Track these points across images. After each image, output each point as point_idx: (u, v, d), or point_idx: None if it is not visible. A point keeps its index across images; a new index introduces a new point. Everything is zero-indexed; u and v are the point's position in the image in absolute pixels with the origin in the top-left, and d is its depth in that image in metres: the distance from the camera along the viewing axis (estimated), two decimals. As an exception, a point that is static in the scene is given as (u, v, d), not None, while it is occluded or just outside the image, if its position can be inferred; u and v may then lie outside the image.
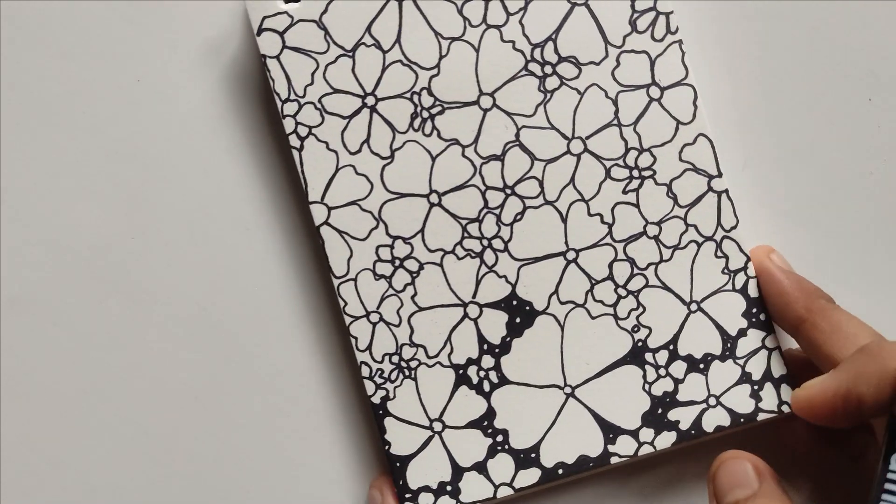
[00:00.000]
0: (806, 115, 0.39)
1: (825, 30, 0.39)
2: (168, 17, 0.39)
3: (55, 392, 0.40)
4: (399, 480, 0.37)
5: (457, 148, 0.37)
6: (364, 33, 0.37)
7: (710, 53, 0.39)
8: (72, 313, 0.40)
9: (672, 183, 0.37)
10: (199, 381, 0.40)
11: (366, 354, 0.37)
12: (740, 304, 0.37)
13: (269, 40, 0.37)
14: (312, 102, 0.37)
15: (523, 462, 0.37)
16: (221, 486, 0.40)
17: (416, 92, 0.37)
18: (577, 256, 0.37)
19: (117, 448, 0.40)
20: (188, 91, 0.39)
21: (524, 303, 0.37)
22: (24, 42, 0.39)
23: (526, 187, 0.37)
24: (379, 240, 0.37)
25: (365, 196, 0.37)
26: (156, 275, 0.39)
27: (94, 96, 0.39)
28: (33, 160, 0.39)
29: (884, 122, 0.39)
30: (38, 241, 0.39)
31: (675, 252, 0.37)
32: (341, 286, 0.37)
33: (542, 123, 0.37)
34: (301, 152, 0.37)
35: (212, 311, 0.39)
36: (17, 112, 0.39)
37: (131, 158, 0.39)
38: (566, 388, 0.37)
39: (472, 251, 0.37)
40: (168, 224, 0.39)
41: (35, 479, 0.40)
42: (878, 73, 0.39)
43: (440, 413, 0.37)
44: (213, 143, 0.39)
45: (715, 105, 0.39)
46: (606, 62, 0.37)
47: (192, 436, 0.40)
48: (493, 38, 0.37)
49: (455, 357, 0.37)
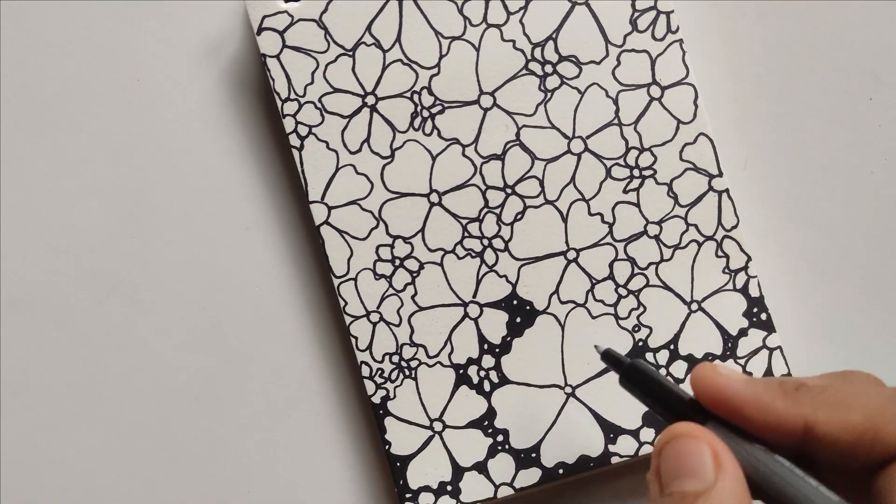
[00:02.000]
0: (807, 114, 0.39)
1: (826, 29, 0.39)
2: (168, 16, 0.39)
3: (55, 392, 0.40)
4: (399, 480, 0.37)
5: (457, 147, 0.37)
6: (364, 32, 0.37)
7: (711, 52, 0.39)
8: (72, 313, 0.39)
9: (673, 182, 0.37)
10: (199, 381, 0.39)
11: (366, 354, 0.37)
12: (741, 303, 0.37)
13: (269, 39, 0.37)
14: (312, 102, 0.37)
15: (524, 462, 0.37)
16: (222, 486, 0.40)
17: (417, 91, 0.37)
18: (577, 256, 0.37)
19: (117, 448, 0.40)
20: (188, 91, 0.39)
21: (525, 302, 0.37)
22: (24, 42, 0.39)
23: (526, 187, 0.37)
24: (379, 239, 0.37)
25: (365, 195, 0.37)
26: (156, 275, 0.39)
27: (94, 96, 0.39)
28: (33, 160, 0.39)
29: (884, 122, 0.39)
30: (38, 241, 0.39)
31: (675, 251, 0.37)
32: (341, 286, 0.37)
33: (543, 123, 0.37)
34: (301, 152, 0.37)
35: (212, 311, 0.39)
36: (17, 112, 0.39)
37: (131, 158, 0.39)
38: (567, 387, 0.37)
39: (472, 251, 0.37)
40: (168, 224, 0.39)
41: (35, 479, 0.40)
42: (878, 72, 0.39)
43: (440, 413, 0.37)
44: (213, 142, 0.39)
45: (715, 104, 0.39)
46: (607, 61, 0.37)
47: (192, 436, 0.40)
48: (493, 37, 0.37)
49: (455, 357, 0.37)
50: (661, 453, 0.27)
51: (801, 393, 0.27)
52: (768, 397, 0.27)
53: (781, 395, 0.27)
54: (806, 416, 0.26)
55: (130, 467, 0.40)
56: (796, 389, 0.27)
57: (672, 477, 0.27)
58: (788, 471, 0.26)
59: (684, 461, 0.26)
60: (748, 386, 0.27)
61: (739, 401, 0.27)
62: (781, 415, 0.26)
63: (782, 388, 0.27)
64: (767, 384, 0.27)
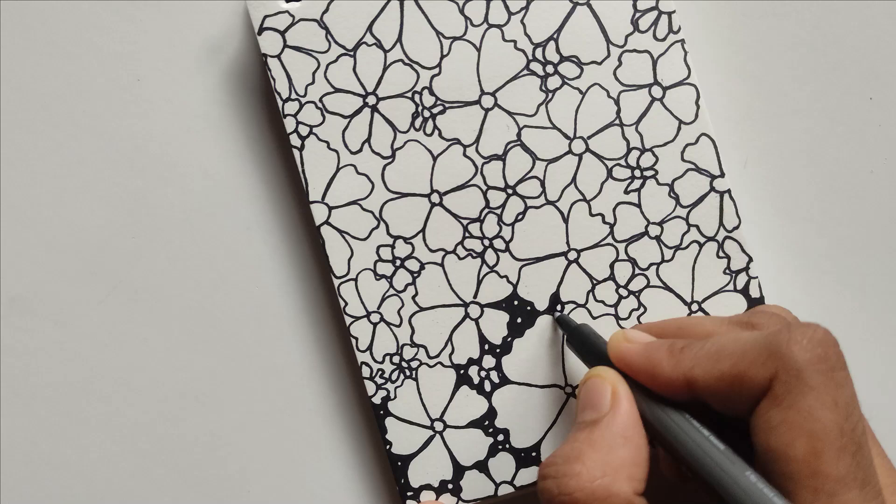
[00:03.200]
0: (807, 114, 0.39)
1: (826, 29, 0.39)
2: (168, 16, 0.39)
3: (55, 392, 0.40)
4: (400, 479, 0.37)
5: (458, 147, 0.37)
6: (365, 32, 0.37)
7: (713, 53, 0.38)
8: (72, 313, 0.39)
9: (674, 183, 0.37)
10: (199, 381, 0.39)
11: (366, 355, 0.37)
12: (741, 304, 0.37)
13: (270, 39, 0.36)
14: (313, 102, 0.37)
15: (524, 461, 0.37)
16: (222, 486, 0.40)
17: (418, 91, 0.37)
18: (578, 256, 0.37)
19: (117, 448, 0.40)
20: (188, 90, 0.39)
21: (525, 303, 0.37)
22: (25, 42, 0.39)
23: (527, 187, 0.37)
24: (380, 239, 0.37)
25: (366, 196, 0.37)
26: (156, 275, 0.39)
27: (94, 96, 0.39)
28: (33, 160, 0.39)
29: (885, 121, 0.39)
30: (38, 241, 0.39)
31: (676, 252, 0.37)
32: (342, 286, 0.37)
33: (544, 123, 0.37)
34: (302, 152, 0.37)
35: (212, 311, 0.39)
36: (17, 112, 0.39)
37: (131, 158, 0.39)
38: (567, 387, 0.37)
39: (473, 251, 0.37)
40: (168, 224, 0.39)
41: (35, 479, 0.40)
42: (878, 71, 0.39)
43: (441, 413, 0.37)
44: (214, 142, 0.39)
45: (717, 105, 0.39)
46: (608, 62, 0.37)
47: (192, 436, 0.40)
48: (494, 37, 0.37)
49: (456, 357, 0.37)
50: (578, 393, 0.32)
51: (683, 352, 0.30)
52: (657, 359, 0.30)
53: (668, 355, 0.30)
54: (685, 373, 0.29)
55: (130, 467, 0.40)
56: (681, 349, 0.30)
57: (581, 408, 0.31)
58: (684, 423, 0.29)
59: (590, 396, 0.31)
60: (643, 351, 0.31)
61: (636, 364, 0.31)
62: (668, 373, 0.30)
63: (670, 349, 0.30)
64: (659, 346, 0.31)
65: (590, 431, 0.30)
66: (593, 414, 0.30)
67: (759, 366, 0.28)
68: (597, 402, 0.31)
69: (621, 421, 0.30)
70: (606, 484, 0.28)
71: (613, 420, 0.30)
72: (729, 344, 0.29)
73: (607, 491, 0.28)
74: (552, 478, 0.29)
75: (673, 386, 0.30)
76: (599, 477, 0.28)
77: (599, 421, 0.30)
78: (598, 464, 0.29)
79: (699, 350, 0.30)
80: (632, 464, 0.29)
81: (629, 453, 0.29)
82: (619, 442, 0.29)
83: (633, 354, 0.31)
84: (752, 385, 0.28)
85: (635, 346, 0.31)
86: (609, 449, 0.29)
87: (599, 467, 0.29)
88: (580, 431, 0.30)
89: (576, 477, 0.29)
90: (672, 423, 0.30)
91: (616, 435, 0.29)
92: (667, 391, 0.30)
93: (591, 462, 0.29)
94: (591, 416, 0.30)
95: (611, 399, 0.30)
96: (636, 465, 0.29)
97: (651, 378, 0.30)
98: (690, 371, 0.29)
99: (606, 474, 0.29)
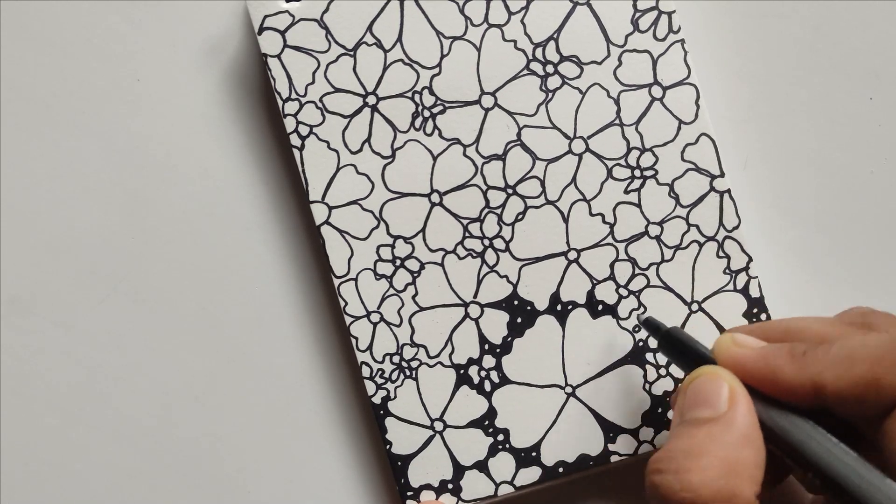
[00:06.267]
0: (807, 114, 0.39)
1: (826, 29, 0.39)
2: (168, 16, 0.39)
3: (55, 392, 0.40)
4: (400, 479, 0.37)
5: (458, 147, 0.37)
6: (365, 32, 0.37)
7: (713, 53, 0.38)
8: (72, 313, 0.39)
9: (674, 183, 0.37)
10: (199, 381, 0.39)
11: (366, 354, 0.37)
12: (741, 304, 0.37)
13: (270, 39, 0.36)
14: (313, 101, 0.37)
15: (524, 461, 0.37)
16: (221, 486, 0.40)
17: (418, 91, 0.37)
18: (578, 256, 0.37)
19: (117, 448, 0.40)
20: (188, 90, 0.39)
21: (525, 303, 0.37)
22: (24, 42, 0.39)
23: (527, 187, 0.37)
24: (380, 239, 0.37)
25: (366, 195, 0.37)
26: (156, 275, 0.39)
27: (94, 96, 0.39)
28: (33, 160, 0.39)
29: (885, 121, 0.39)
30: (38, 241, 0.39)
31: (676, 252, 0.37)
32: (342, 286, 0.37)
33: (544, 123, 0.37)
34: (302, 151, 0.37)
35: (212, 311, 0.39)
36: (17, 112, 0.39)
37: (131, 158, 0.39)
38: (567, 387, 0.37)
39: (473, 251, 0.37)
40: (168, 224, 0.39)
41: (35, 479, 0.40)
42: (878, 71, 0.39)
43: (441, 413, 0.37)
44: (213, 142, 0.39)
45: (717, 105, 0.39)
46: (608, 61, 0.37)
47: (192, 436, 0.40)
48: (494, 37, 0.37)
49: (456, 357, 0.37)
50: (685, 389, 0.30)
51: (807, 357, 0.29)
52: (778, 365, 0.29)
53: (789, 360, 0.29)
54: (812, 378, 0.28)
55: (130, 467, 0.40)
56: (803, 354, 0.29)
57: (690, 406, 0.30)
58: (811, 429, 0.29)
59: (702, 394, 0.30)
60: (760, 356, 0.30)
61: (753, 370, 0.30)
62: (790, 379, 0.29)
63: (791, 353, 0.29)
64: (777, 351, 0.30)
65: (709, 428, 0.29)
66: (708, 411, 0.29)
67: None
68: (712, 400, 0.29)
69: (743, 421, 0.29)
70: (732, 485, 0.27)
71: (735, 419, 0.29)
72: (859, 348, 0.28)
73: (732, 492, 0.27)
74: (672, 472, 0.28)
75: (797, 392, 0.29)
76: (724, 476, 0.28)
77: (718, 419, 0.29)
78: (723, 462, 0.28)
79: (824, 355, 0.29)
80: (753, 465, 0.28)
81: (752, 455, 0.28)
82: (742, 442, 0.28)
83: (749, 359, 0.30)
84: (891, 390, 0.27)
85: (750, 351, 0.30)
86: (732, 448, 0.28)
87: (724, 466, 0.28)
88: (696, 428, 0.29)
89: (700, 472, 0.28)
90: (798, 429, 0.29)
91: (739, 435, 0.28)
92: (790, 397, 0.29)
93: (717, 460, 0.28)
94: (707, 414, 0.29)
95: (728, 398, 0.29)
96: (757, 467, 0.28)
97: (772, 384, 0.29)
98: (819, 376, 0.28)
99: (731, 474, 0.28)
